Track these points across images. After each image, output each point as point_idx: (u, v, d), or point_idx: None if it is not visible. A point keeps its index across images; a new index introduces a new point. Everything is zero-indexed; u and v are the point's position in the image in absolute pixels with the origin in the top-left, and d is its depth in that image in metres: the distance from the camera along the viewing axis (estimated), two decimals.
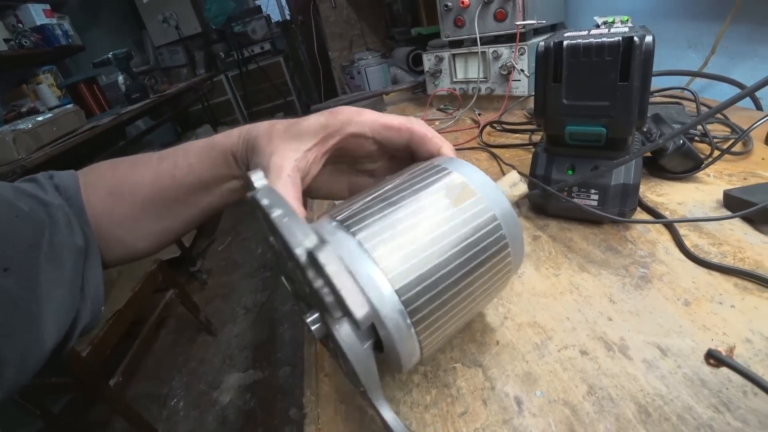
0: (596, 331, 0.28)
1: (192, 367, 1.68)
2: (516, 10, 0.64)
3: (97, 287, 0.32)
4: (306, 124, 0.29)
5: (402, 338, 0.20)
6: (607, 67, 0.31)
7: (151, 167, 0.34)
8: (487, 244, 0.22)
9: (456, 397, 0.26)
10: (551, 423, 0.23)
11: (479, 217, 0.23)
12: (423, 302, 0.20)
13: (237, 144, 0.32)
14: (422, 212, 0.22)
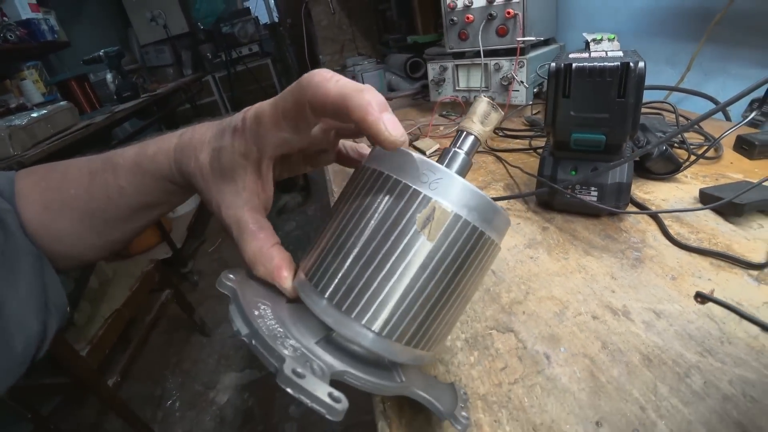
0: (603, 301, 0.34)
1: (186, 368, 1.68)
2: (517, 27, 0.71)
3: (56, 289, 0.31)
4: (227, 159, 0.25)
5: (408, 359, 0.22)
6: (608, 86, 0.37)
7: (82, 184, 0.31)
8: (471, 252, 0.22)
9: (495, 356, 0.31)
10: (576, 371, 0.29)
11: (459, 235, 0.21)
12: (419, 332, 0.22)
13: (171, 173, 0.29)
14: (401, 260, 0.21)
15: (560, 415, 0.26)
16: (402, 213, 0.21)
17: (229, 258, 2.32)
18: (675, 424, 0.25)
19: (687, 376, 0.27)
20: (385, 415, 0.29)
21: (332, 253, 0.22)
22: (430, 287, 0.21)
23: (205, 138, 0.27)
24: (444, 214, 0.21)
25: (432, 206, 0.21)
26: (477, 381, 0.30)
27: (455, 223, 0.21)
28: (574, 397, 0.27)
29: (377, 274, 0.21)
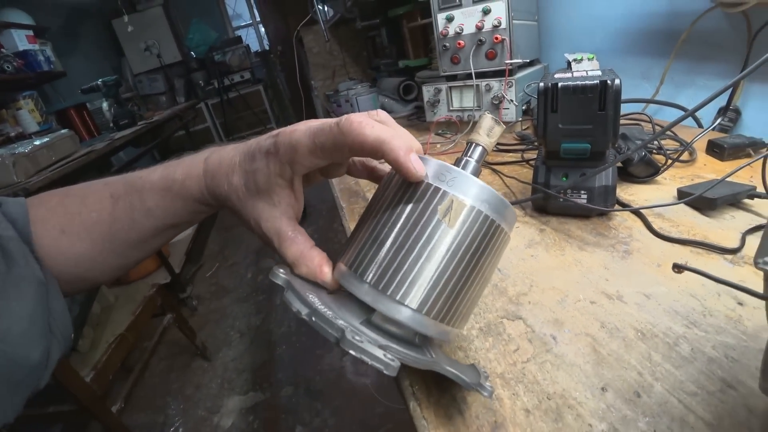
0: (599, 288, 0.38)
1: (188, 394, 1.67)
2: (505, 50, 0.78)
3: (62, 318, 0.31)
4: (262, 179, 0.28)
5: (439, 333, 0.26)
6: (590, 101, 0.43)
7: (105, 208, 0.33)
8: (485, 238, 0.26)
9: (507, 340, 0.35)
10: (580, 347, 0.33)
11: (474, 222, 0.25)
12: (444, 307, 0.25)
13: (203, 196, 0.31)
14: (427, 245, 0.25)
15: (570, 384, 0.30)
16: (426, 206, 0.25)
17: (226, 283, 2.33)
18: (669, 384, 0.29)
19: (676, 344, 0.32)
20: (415, 396, 0.32)
21: (369, 244, 0.26)
22: (452, 267, 0.25)
23: (234, 162, 0.30)
24: (460, 205, 0.25)
25: (450, 199, 0.25)
26: (494, 362, 0.33)
27: (470, 213, 0.25)
28: (581, 369, 0.31)
29: (408, 258, 0.25)
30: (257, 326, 1.91)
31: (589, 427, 0.27)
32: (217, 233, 2.94)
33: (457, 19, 0.83)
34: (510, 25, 0.77)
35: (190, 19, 4.14)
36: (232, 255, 2.59)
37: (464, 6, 0.81)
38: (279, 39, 3.68)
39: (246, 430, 1.46)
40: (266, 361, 1.70)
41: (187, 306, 2.12)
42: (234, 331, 1.93)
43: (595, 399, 0.29)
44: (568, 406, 0.29)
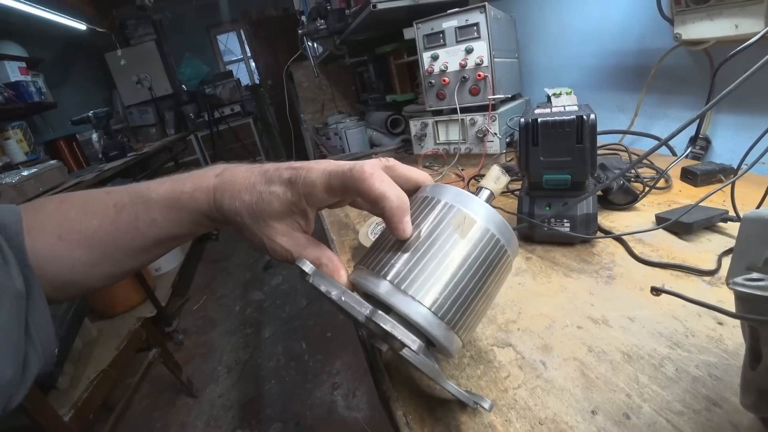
0: (585, 313, 0.40)
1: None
2: (488, 87, 0.82)
3: (45, 330, 0.30)
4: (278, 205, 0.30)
5: (445, 338, 0.28)
6: (568, 135, 0.46)
7: (107, 216, 0.33)
8: (492, 256, 0.29)
9: (498, 367, 0.36)
10: (569, 372, 0.34)
11: (482, 238, 0.29)
12: (453, 312, 0.27)
13: (210, 210, 0.32)
14: (441, 251, 0.28)
15: (561, 408, 0.31)
16: (441, 220, 0.29)
17: (214, 316, 2.28)
18: (656, 404, 0.30)
19: (661, 365, 0.33)
20: (408, 426, 0.32)
21: (387, 250, 0.29)
22: (461, 274, 0.28)
23: (250, 182, 0.31)
24: (471, 221, 0.29)
25: (463, 215, 0.29)
26: (485, 389, 0.34)
27: (479, 229, 0.29)
28: (571, 393, 0.32)
29: (423, 261, 0.28)
30: (245, 360, 1.86)
31: None
32: (205, 266, 2.89)
33: (441, 58, 0.87)
34: (491, 63, 0.82)
35: (182, 53, 4.25)
36: (220, 288, 2.55)
37: (448, 45, 0.86)
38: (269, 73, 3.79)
39: None
40: (254, 397, 1.65)
41: (173, 340, 2.06)
42: (221, 365, 1.87)
43: (585, 422, 0.30)
44: (560, 430, 0.29)
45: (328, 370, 1.67)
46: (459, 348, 0.30)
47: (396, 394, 0.35)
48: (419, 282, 0.27)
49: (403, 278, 0.27)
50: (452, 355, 0.30)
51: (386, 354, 0.41)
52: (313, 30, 1.47)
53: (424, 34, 0.89)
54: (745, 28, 0.62)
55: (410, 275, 0.27)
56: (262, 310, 2.21)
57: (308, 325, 2.00)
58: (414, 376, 0.37)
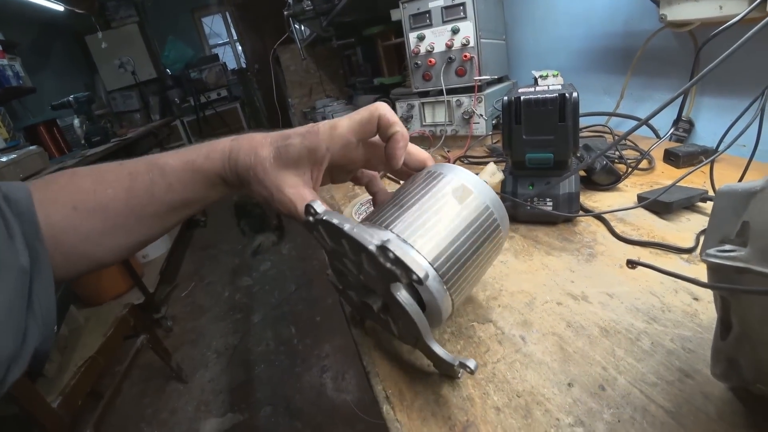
0: (565, 290, 0.40)
1: (163, 418, 1.60)
2: (474, 68, 0.81)
3: (48, 306, 0.31)
4: (294, 153, 0.32)
5: (440, 296, 0.29)
6: (551, 113, 0.45)
7: (122, 184, 0.34)
8: (486, 227, 0.32)
9: (478, 342, 0.36)
10: (547, 346, 0.34)
11: (478, 208, 0.32)
12: (451, 272, 0.30)
13: (224, 170, 0.34)
14: (440, 212, 0.31)
15: (538, 381, 0.31)
16: (441, 187, 0.33)
17: (202, 302, 2.27)
18: (631, 376, 0.30)
19: (638, 339, 0.33)
20: (388, 400, 0.32)
21: (393, 209, 0.32)
22: (456, 235, 0.31)
23: (266, 141, 0.33)
24: (468, 191, 0.33)
25: (461, 185, 0.33)
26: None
27: (476, 199, 0.32)
28: (548, 366, 0.32)
29: (424, 217, 0.30)
30: (235, 346, 1.86)
31: (556, 422, 0.28)
32: (193, 253, 2.87)
33: (428, 38, 0.86)
34: (478, 44, 0.81)
35: (166, 36, 4.13)
36: (208, 274, 2.53)
37: (434, 25, 0.84)
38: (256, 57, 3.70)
39: None
40: (244, 382, 1.65)
41: (161, 327, 2.05)
42: (211, 351, 1.87)
43: (562, 394, 0.30)
44: (536, 402, 0.30)
45: (317, 354, 1.68)
46: (448, 312, 0.31)
47: (376, 369, 0.35)
48: (420, 235, 0.29)
49: (406, 231, 0.29)
50: (441, 318, 0.30)
51: (368, 327, 0.41)
52: (300, 11, 1.44)
53: (411, 13, 0.87)
54: (729, 9, 0.62)
55: (412, 229, 0.30)
56: (251, 296, 2.21)
57: (297, 309, 2.00)
58: (395, 350, 0.38)
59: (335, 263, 0.35)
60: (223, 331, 1.98)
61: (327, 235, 0.31)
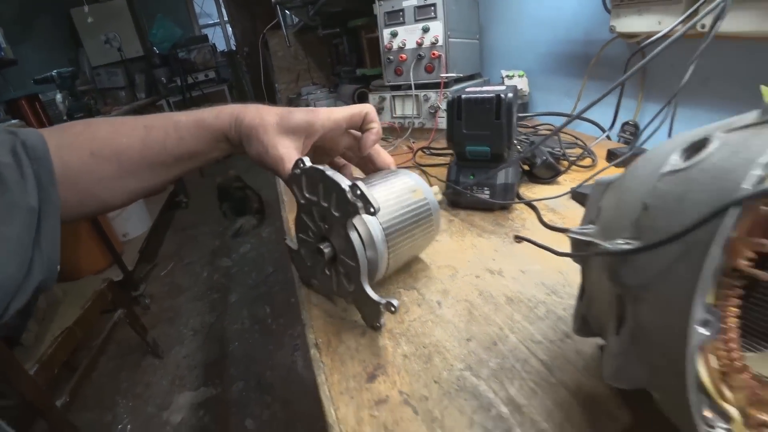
0: (485, 266, 0.46)
1: (138, 392, 1.64)
2: (441, 65, 0.86)
3: (53, 246, 0.33)
4: (295, 122, 0.38)
5: (381, 252, 0.37)
6: (488, 111, 0.51)
7: (137, 135, 0.38)
8: (422, 216, 0.42)
9: (401, 304, 0.42)
10: (458, 310, 0.40)
11: (423, 205, 0.42)
12: (393, 234, 0.38)
13: (230, 128, 0.39)
14: (395, 194, 0.41)
15: (443, 337, 0.37)
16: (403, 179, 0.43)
17: (181, 282, 2.30)
18: (521, 336, 0.36)
19: (535, 307, 0.39)
20: (317, 346, 0.38)
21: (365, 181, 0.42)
22: (401, 212, 0.40)
23: (272, 110, 0.40)
24: (418, 190, 0.43)
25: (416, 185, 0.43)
26: (387, 319, 0.40)
27: (420, 196, 0.42)
28: (455, 325, 0.38)
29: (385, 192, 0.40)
30: (211, 324, 1.91)
31: (450, 366, 0.34)
32: (174, 233, 2.88)
33: (400, 35, 0.91)
34: (446, 43, 0.86)
35: (154, 13, 4.06)
36: (188, 254, 2.56)
37: (407, 24, 0.89)
38: (246, 40, 3.68)
39: (196, 424, 1.46)
40: (219, 358, 1.70)
41: (139, 304, 2.08)
42: (187, 329, 1.91)
43: (460, 347, 0.36)
44: (438, 352, 0.36)
45: (290, 333, 1.74)
46: (383, 269, 0.39)
47: (312, 323, 0.41)
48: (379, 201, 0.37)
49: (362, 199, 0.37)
50: (377, 269, 0.38)
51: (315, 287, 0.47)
52: None
53: (386, 11, 0.92)
54: (666, 24, 0.68)
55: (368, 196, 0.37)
56: (229, 277, 2.25)
57: (273, 291, 2.05)
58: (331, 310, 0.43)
59: (301, 217, 0.41)
60: (200, 310, 2.02)
61: (306, 184, 0.38)
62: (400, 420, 0.31)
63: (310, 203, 0.38)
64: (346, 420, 0.31)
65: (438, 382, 0.33)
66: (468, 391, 0.32)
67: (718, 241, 0.16)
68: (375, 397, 0.33)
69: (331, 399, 0.33)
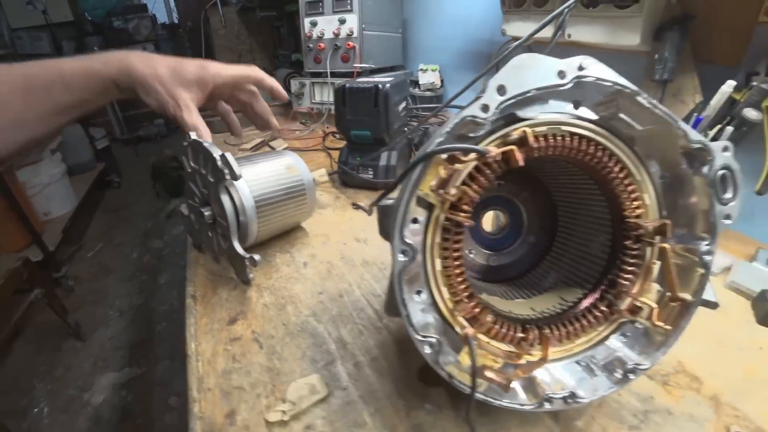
0: (355, 235, 0.53)
1: (58, 375, 1.59)
2: (356, 56, 0.92)
3: None
4: (188, 76, 0.42)
5: (251, 219, 0.43)
6: (368, 100, 0.58)
7: (17, 84, 0.37)
8: (295, 192, 0.49)
9: (273, 265, 0.48)
10: (319, 269, 0.47)
11: (297, 182, 0.49)
12: (263, 204, 0.44)
13: (119, 76, 0.40)
14: (272, 170, 0.48)
15: (300, 290, 0.44)
16: (281, 159, 0.50)
17: (110, 263, 2.21)
18: (365, 290, 0.44)
19: (385, 269, 0.47)
20: (193, 297, 0.44)
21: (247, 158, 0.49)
22: (272, 186, 0.46)
23: (162, 61, 0.42)
24: (294, 169, 0.49)
25: (292, 164, 0.50)
26: (257, 274, 0.46)
27: (296, 174, 0.49)
28: (313, 282, 0.45)
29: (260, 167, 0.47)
30: (139, 305, 1.87)
31: (299, 313, 0.41)
32: (104, 214, 2.75)
33: (319, 25, 0.95)
34: (361, 35, 0.92)
35: None
36: (118, 236, 2.46)
37: (326, 14, 0.94)
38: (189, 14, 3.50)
39: (118, 404, 1.45)
40: (145, 339, 1.68)
41: (62, 286, 1.99)
42: (113, 310, 1.86)
43: (312, 298, 0.43)
44: (292, 302, 0.42)
45: None
46: (254, 234, 0.45)
47: (195, 279, 0.47)
48: (253, 173, 0.45)
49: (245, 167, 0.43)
50: (248, 233, 0.44)
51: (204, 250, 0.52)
52: None
53: (307, 0, 0.96)
54: (544, 31, 0.78)
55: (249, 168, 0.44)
56: (160, 258, 2.20)
57: None
58: (213, 269, 0.49)
59: (189, 185, 0.47)
60: (128, 291, 1.97)
61: (192, 155, 0.43)
62: (247, 352, 0.37)
63: (195, 172, 0.43)
64: (204, 352, 0.37)
65: (286, 325, 0.40)
66: (308, 332, 0.39)
67: (408, 188, 0.24)
68: (232, 335, 0.39)
69: (195, 336, 0.39)
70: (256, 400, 0.33)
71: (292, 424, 0.31)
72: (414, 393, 0.33)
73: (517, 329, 0.29)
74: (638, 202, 0.28)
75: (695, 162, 0.27)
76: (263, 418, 0.31)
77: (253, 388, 0.34)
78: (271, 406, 0.32)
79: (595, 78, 0.25)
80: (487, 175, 0.24)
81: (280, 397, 0.33)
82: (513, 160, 0.24)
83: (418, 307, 0.27)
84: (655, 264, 0.28)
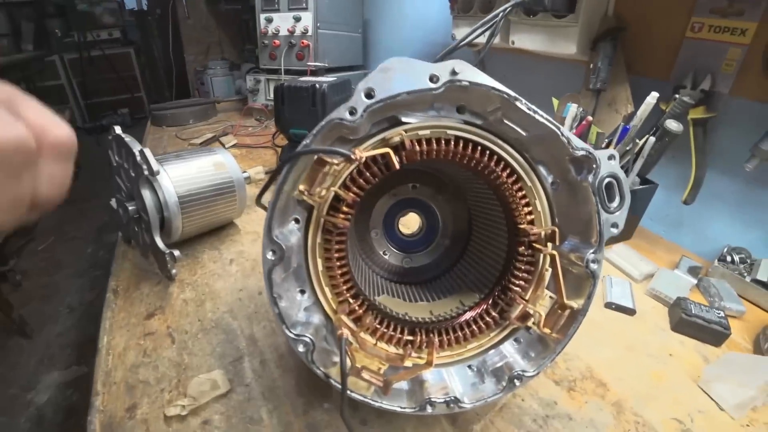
0: None
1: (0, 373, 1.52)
2: (310, 54, 0.92)
3: None
4: None
5: (175, 215, 0.43)
6: (305, 99, 0.58)
7: None
8: (224, 189, 0.48)
9: (200, 261, 0.48)
10: (244, 267, 0.48)
11: (226, 180, 0.48)
12: (187, 202, 0.44)
13: None
14: (197, 167, 0.47)
15: (222, 287, 0.44)
16: (210, 156, 0.50)
17: (62, 258, 2.12)
18: None
19: None
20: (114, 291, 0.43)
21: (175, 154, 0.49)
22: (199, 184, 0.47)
23: None
24: (223, 166, 0.50)
25: (221, 161, 0.50)
26: (182, 270, 0.46)
27: (225, 172, 0.49)
28: (235, 279, 0.45)
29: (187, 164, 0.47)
30: (90, 301, 1.81)
31: (216, 309, 0.41)
32: (59, 207, 2.63)
33: (275, 21, 0.95)
34: (315, 34, 0.92)
35: None
36: (73, 229, 2.36)
37: (281, 11, 0.94)
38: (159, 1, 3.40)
39: (62, 404, 1.40)
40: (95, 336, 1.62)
41: (8, 280, 1.89)
42: (63, 306, 1.79)
43: (231, 295, 0.43)
44: (212, 298, 0.43)
45: None
46: (179, 230, 0.45)
47: (119, 273, 0.46)
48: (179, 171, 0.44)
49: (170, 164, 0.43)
50: (171, 230, 0.44)
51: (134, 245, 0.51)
52: None
53: None
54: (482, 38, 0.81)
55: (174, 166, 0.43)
56: None
57: None
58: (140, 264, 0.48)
59: (115, 179, 0.47)
60: (79, 287, 1.90)
61: (116, 149, 0.44)
62: (159, 347, 0.37)
63: (119, 166, 0.43)
64: (117, 346, 0.38)
65: (201, 321, 0.40)
66: (221, 328, 0.39)
67: (278, 187, 0.25)
68: (147, 330, 0.39)
69: (109, 330, 0.39)
70: (160, 394, 0.33)
71: (190, 419, 0.31)
72: (315, 392, 0.33)
73: (405, 332, 0.29)
74: (529, 208, 0.28)
75: (582, 169, 0.27)
76: (163, 412, 0.31)
77: (158, 383, 0.34)
78: (172, 400, 0.32)
79: (469, 82, 0.25)
80: (366, 178, 0.25)
81: (183, 392, 0.33)
82: (392, 163, 0.25)
83: (302, 306, 0.28)
84: (547, 271, 0.28)
